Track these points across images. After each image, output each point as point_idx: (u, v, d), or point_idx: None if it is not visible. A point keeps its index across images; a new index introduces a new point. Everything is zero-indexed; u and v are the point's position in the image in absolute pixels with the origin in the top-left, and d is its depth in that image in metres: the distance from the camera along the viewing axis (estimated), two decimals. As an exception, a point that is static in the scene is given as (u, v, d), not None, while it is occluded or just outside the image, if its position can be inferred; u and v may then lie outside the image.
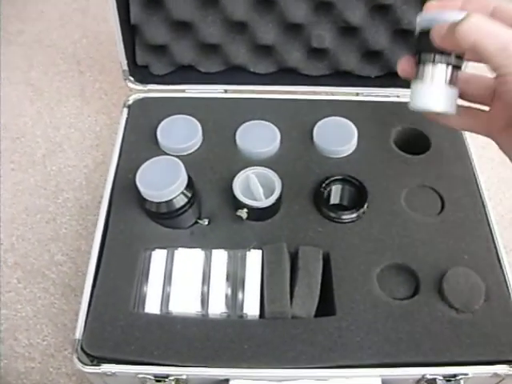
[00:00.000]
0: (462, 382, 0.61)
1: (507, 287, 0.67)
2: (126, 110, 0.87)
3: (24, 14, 1.30)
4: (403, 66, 0.54)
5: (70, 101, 1.10)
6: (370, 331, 0.63)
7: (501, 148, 0.52)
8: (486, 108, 0.54)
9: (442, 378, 0.61)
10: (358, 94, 0.90)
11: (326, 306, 0.65)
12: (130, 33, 0.85)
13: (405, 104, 0.86)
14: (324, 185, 0.74)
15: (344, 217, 0.72)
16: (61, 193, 0.95)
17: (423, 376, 0.61)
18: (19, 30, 1.26)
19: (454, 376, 0.61)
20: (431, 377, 0.61)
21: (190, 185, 0.68)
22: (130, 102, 0.88)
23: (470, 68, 0.59)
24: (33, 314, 0.81)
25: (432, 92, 0.51)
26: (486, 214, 0.74)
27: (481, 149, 1.02)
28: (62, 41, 1.23)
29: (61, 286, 0.84)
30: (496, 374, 0.61)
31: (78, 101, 1.10)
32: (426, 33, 0.49)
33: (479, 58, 0.44)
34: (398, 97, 0.89)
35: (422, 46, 0.51)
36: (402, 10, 0.82)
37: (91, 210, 0.92)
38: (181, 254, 0.68)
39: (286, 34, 0.86)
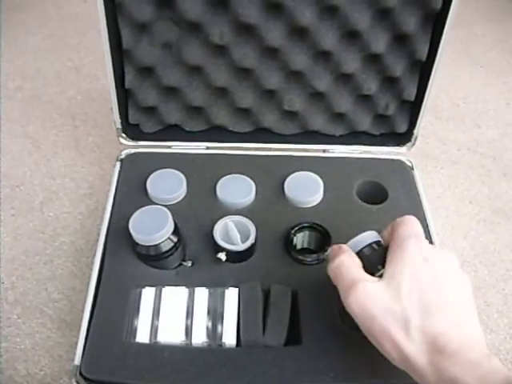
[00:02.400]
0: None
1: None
2: (118, 164, 0.93)
3: (22, 71, 1.34)
4: None
5: (65, 153, 1.14)
6: (332, 358, 0.68)
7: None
8: None
9: (395, 397, 0.66)
10: (324, 151, 0.97)
11: (294, 337, 0.71)
12: (124, 95, 0.91)
13: (366, 159, 0.96)
14: (293, 231, 0.80)
15: (310, 259, 0.78)
16: (57, 237, 0.98)
17: (379, 396, 0.66)
18: (18, 86, 1.30)
19: (406, 395, 0.66)
20: (386, 396, 0.66)
21: (175, 231, 0.74)
22: (123, 157, 0.94)
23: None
24: (31, 347, 0.84)
25: None
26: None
27: (436, 198, 1.12)
28: (58, 97, 1.28)
29: (57, 321, 0.87)
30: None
31: (72, 153, 1.14)
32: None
33: None
34: (360, 153, 0.96)
35: None
36: (362, 79, 0.90)
37: (85, 252, 0.95)
38: (167, 291, 0.73)
39: (262, 99, 0.93)
